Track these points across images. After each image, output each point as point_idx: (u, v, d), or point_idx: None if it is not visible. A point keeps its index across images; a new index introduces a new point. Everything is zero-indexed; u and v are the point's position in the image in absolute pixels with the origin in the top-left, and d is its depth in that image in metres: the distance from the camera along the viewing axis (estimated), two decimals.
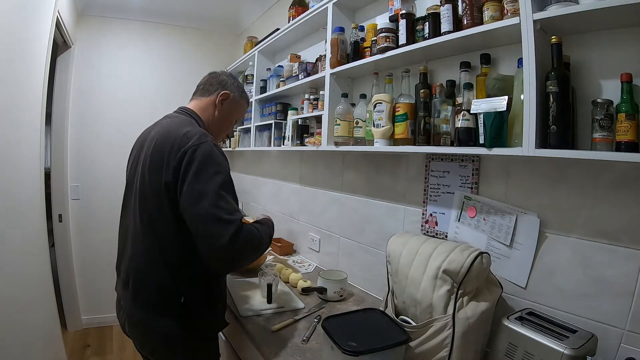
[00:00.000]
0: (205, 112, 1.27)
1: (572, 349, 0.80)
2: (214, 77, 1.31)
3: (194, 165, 1.01)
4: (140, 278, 1.09)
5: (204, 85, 1.31)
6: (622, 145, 0.78)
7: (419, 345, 1.02)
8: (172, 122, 1.16)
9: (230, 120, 1.33)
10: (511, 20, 0.92)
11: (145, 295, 1.08)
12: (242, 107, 1.37)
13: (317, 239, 2.03)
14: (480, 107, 0.99)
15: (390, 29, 1.30)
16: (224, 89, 1.28)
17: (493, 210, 1.15)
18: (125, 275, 1.14)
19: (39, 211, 1.90)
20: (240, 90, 1.33)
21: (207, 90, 1.29)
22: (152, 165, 1.08)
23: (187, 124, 1.14)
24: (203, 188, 0.99)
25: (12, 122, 1.50)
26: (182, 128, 1.10)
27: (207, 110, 1.27)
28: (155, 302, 1.07)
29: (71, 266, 2.87)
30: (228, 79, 1.31)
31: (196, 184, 1.00)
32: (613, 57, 0.87)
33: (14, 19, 1.44)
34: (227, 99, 1.28)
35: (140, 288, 1.09)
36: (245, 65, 2.70)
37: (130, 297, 1.11)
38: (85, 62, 2.90)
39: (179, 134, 1.07)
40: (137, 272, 1.10)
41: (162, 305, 1.07)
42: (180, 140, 1.05)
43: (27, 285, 1.65)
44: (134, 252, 1.11)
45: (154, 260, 1.07)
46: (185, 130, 1.08)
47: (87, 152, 2.92)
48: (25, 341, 1.55)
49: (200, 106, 1.27)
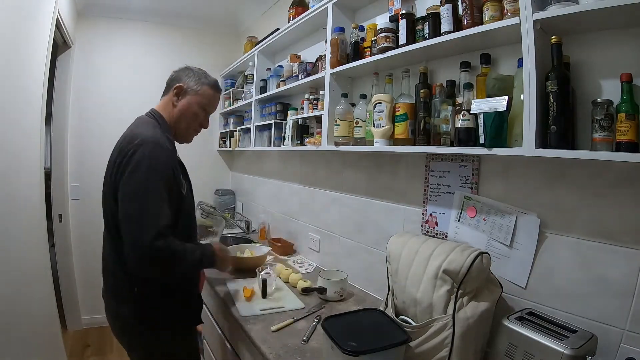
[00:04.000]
0: (166, 111, 1.29)
1: (572, 349, 0.80)
2: (171, 75, 1.34)
3: (129, 167, 1.07)
4: (106, 271, 1.26)
5: (166, 84, 1.34)
6: (622, 145, 0.78)
7: (419, 345, 1.01)
8: (133, 125, 1.24)
9: (193, 112, 1.30)
10: (511, 20, 0.92)
11: (110, 285, 1.24)
12: (205, 96, 1.32)
13: (317, 239, 2.03)
14: (480, 107, 0.99)
15: (390, 29, 1.30)
16: (177, 82, 1.29)
17: (493, 210, 1.15)
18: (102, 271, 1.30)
19: (39, 211, 1.90)
20: (198, 79, 1.31)
21: (165, 90, 1.33)
22: (107, 169, 1.18)
23: (144, 125, 1.20)
24: (132, 189, 1.06)
25: (12, 122, 1.50)
26: (135, 129, 1.17)
27: (167, 108, 1.29)
28: (116, 291, 1.22)
29: (71, 266, 2.87)
30: (182, 71, 1.32)
31: (127, 185, 1.07)
32: (613, 57, 0.87)
33: (14, 19, 1.44)
34: (181, 91, 1.28)
35: (107, 279, 1.26)
36: (245, 65, 2.70)
37: (104, 287, 1.28)
38: (85, 62, 2.90)
39: (128, 136, 1.14)
40: (105, 268, 1.26)
41: (120, 294, 1.20)
42: (127, 143, 1.11)
43: (27, 285, 1.65)
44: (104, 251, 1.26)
45: (112, 257, 1.19)
46: (136, 132, 1.15)
47: (87, 152, 2.92)
48: (25, 341, 1.54)
49: (162, 106, 1.30)
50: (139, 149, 1.08)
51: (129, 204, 1.05)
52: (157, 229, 1.03)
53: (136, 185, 1.06)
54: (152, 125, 1.20)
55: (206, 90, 1.32)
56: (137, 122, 1.25)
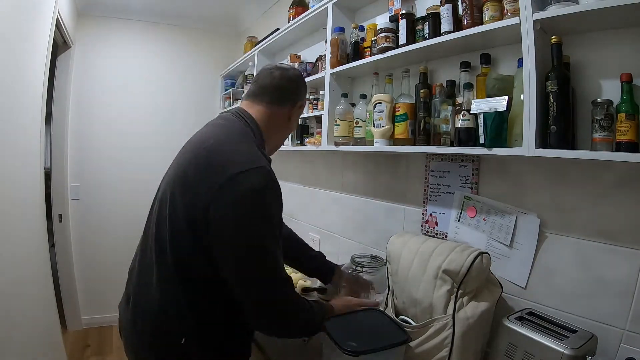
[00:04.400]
0: (270, 124, 1.01)
1: (572, 349, 0.80)
2: (290, 81, 1.03)
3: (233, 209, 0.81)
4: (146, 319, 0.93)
5: (275, 89, 1.01)
6: (622, 145, 0.78)
7: (419, 345, 1.01)
8: (223, 130, 0.95)
9: (293, 128, 1.12)
10: (511, 20, 0.92)
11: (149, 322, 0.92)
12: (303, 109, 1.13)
13: (317, 239, 2.03)
14: (480, 107, 0.99)
15: (390, 29, 1.30)
16: (298, 98, 1.04)
17: (493, 210, 1.15)
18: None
19: (39, 211, 1.90)
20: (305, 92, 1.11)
21: (280, 98, 1.02)
22: (176, 180, 0.90)
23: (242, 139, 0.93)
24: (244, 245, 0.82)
25: (12, 122, 1.50)
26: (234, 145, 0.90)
27: (275, 122, 1.02)
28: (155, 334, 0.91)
29: (71, 266, 2.87)
30: (301, 82, 1.06)
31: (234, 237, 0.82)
32: (613, 57, 0.87)
33: (14, 19, 1.44)
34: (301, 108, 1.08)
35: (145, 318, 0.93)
36: (245, 65, 2.70)
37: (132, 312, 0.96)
38: (85, 62, 2.89)
39: (221, 152, 0.87)
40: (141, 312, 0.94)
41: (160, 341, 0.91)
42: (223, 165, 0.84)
43: (27, 285, 1.65)
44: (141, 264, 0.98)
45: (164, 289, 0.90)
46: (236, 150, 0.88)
47: (87, 152, 2.92)
48: (25, 341, 1.54)
49: (267, 115, 1.00)
50: (245, 181, 0.81)
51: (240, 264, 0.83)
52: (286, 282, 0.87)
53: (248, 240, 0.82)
54: (251, 141, 0.93)
55: (304, 103, 1.13)
56: (228, 128, 0.96)
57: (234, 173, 0.81)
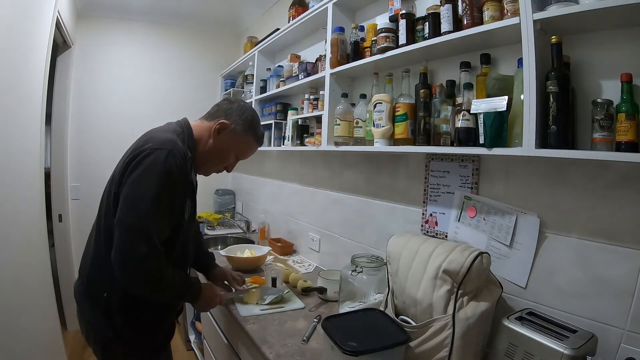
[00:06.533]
0: (199, 133, 1.19)
1: (572, 349, 0.80)
2: (225, 104, 1.24)
3: (139, 169, 0.99)
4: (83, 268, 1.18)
5: (213, 109, 1.24)
6: (622, 145, 0.78)
7: (419, 345, 1.01)
8: (157, 128, 1.16)
9: (225, 154, 1.24)
10: (511, 20, 0.92)
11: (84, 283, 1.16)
12: (245, 144, 1.25)
13: (317, 239, 2.03)
14: (480, 107, 0.99)
15: (390, 29, 1.30)
16: (225, 119, 1.19)
17: (493, 210, 1.15)
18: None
19: (39, 211, 1.90)
20: (247, 126, 1.22)
21: (211, 116, 1.22)
22: (117, 166, 1.10)
23: (168, 132, 1.11)
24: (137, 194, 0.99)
25: (12, 122, 1.50)
26: (156, 133, 1.10)
27: (203, 133, 1.19)
28: (89, 291, 1.14)
29: (71, 266, 2.87)
30: (237, 108, 1.22)
31: (131, 188, 1.00)
32: (613, 57, 0.87)
33: (14, 19, 1.44)
34: (226, 129, 1.19)
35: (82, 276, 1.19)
36: (245, 65, 2.70)
37: (77, 283, 1.21)
38: (85, 62, 2.89)
39: (147, 137, 1.08)
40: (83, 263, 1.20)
41: (91, 295, 1.13)
42: (143, 143, 1.04)
43: (27, 285, 1.65)
44: (87, 246, 1.21)
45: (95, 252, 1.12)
46: (155, 135, 1.07)
47: (87, 152, 2.93)
48: (25, 341, 1.55)
49: (199, 126, 1.21)
50: (154, 152, 1.00)
51: (127, 209, 0.99)
52: (152, 247, 0.98)
53: (141, 190, 0.99)
54: (175, 134, 1.11)
55: (250, 140, 1.25)
56: (162, 127, 1.18)
57: (143, 149, 1.02)
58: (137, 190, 0.99)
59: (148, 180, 0.99)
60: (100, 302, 1.09)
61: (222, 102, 1.26)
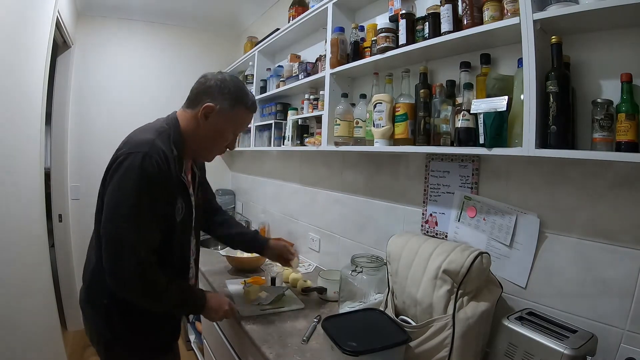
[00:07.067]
0: (186, 124, 1.13)
1: (572, 349, 0.80)
2: (201, 85, 1.14)
3: (116, 175, 0.98)
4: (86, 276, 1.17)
5: (192, 94, 1.15)
6: (622, 145, 0.78)
7: (419, 345, 1.01)
8: (140, 127, 1.13)
9: (221, 136, 1.17)
10: (511, 20, 0.92)
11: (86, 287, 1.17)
12: (238, 118, 1.17)
13: (317, 239, 2.03)
14: (480, 107, 0.99)
15: (390, 29, 1.30)
16: (208, 102, 1.10)
17: (493, 210, 1.15)
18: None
19: (39, 211, 1.90)
20: (234, 100, 1.13)
21: (192, 102, 1.14)
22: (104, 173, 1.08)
23: (149, 131, 1.07)
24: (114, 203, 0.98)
25: (12, 122, 1.50)
26: (135, 134, 1.08)
27: (189, 123, 1.13)
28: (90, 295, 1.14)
29: (71, 266, 2.87)
30: (216, 86, 1.12)
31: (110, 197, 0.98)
32: (613, 57, 0.87)
33: (14, 19, 1.44)
34: (212, 112, 1.11)
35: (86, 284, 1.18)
36: (245, 65, 2.70)
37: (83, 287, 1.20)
38: (85, 62, 2.89)
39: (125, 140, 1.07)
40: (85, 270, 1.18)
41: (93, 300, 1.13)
42: (120, 148, 1.04)
43: (27, 285, 1.65)
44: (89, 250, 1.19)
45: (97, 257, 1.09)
46: (133, 137, 1.06)
47: (87, 152, 2.92)
48: (25, 341, 1.54)
49: (183, 117, 1.14)
50: (129, 157, 0.98)
51: (107, 220, 0.97)
52: (137, 256, 0.96)
53: (119, 199, 0.97)
54: (157, 133, 1.06)
55: (241, 113, 1.16)
56: (143, 127, 1.13)
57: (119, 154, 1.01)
58: (115, 199, 0.98)
59: (124, 187, 0.97)
60: (101, 308, 1.10)
61: (199, 83, 1.15)
